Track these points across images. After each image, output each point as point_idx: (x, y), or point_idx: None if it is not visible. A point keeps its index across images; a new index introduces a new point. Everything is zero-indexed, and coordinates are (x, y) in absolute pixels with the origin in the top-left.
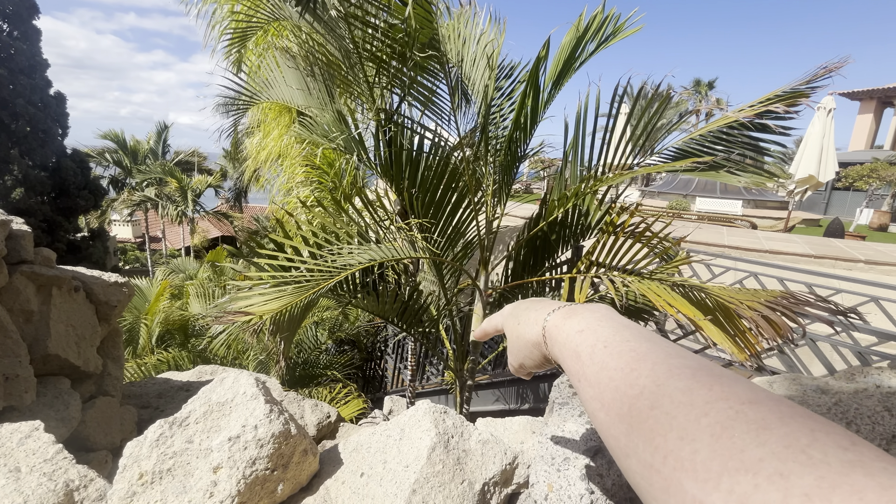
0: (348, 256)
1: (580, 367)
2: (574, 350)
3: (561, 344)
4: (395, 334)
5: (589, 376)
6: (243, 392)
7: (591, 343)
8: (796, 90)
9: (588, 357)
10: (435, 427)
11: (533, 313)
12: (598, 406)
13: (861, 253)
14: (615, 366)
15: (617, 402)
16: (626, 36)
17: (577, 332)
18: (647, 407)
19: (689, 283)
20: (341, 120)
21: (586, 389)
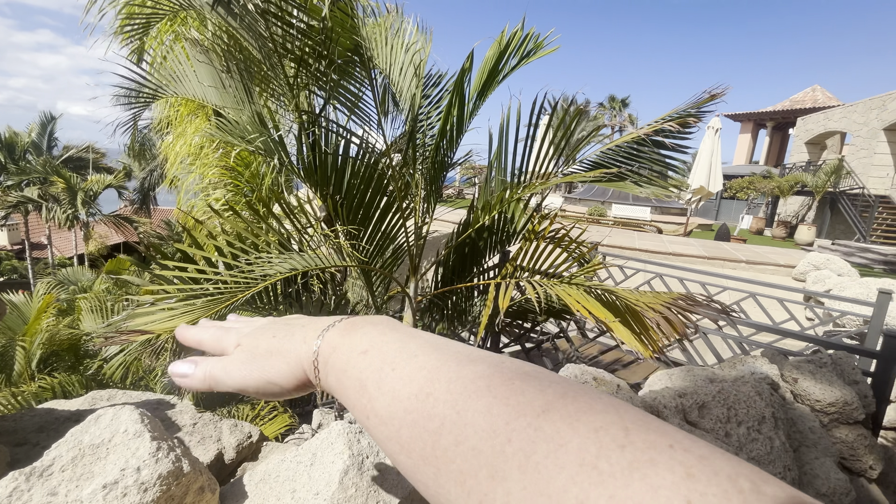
0: (267, 266)
1: (367, 402)
2: (358, 378)
3: (340, 371)
4: None
5: (380, 411)
6: (124, 430)
7: (377, 367)
8: (687, 112)
9: (375, 387)
10: (349, 449)
11: (299, 330)
12: (397, 448)
13: (743, 254)
14: (408, 393)
15: (418, 441)
16: (545, 54)
17: (361, 354)
18: (452, 444)
19: (602, 287)
20: (260, 121)
21: (379, 428)
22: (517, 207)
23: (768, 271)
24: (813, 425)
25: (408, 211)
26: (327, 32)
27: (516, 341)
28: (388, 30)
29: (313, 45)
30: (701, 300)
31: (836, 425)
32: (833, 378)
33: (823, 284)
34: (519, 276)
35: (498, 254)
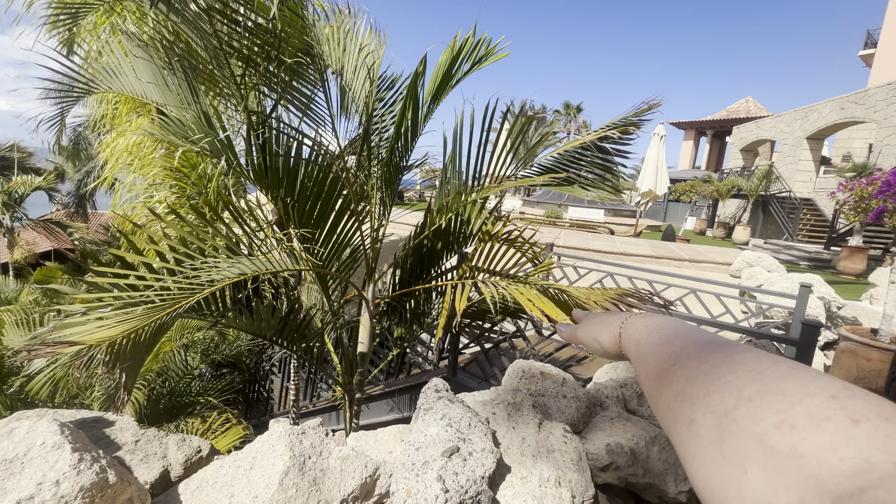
0: (215, 271)
1: (638, 351)
2: (636, 338)
3: (628, 336)
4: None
5: (643, 354)
6: (41, 443)
7: (648, 332)
8: (627, 120)
9: (645, 341)
10: (290, 450)
11: (617, 318)
12: (644, 376)
13: (686, 253)
14: (658, 341)
15: (656, 369)
16: (497, 59)
17: (643, 327)
18: (671, 365)
19: (554, 286)
20: (206, 121)
21: (639, 365)
22: (473, 210)
23: (708, 269)
24: None
25: (364, 214)
26: (276, 32)
27: (475, 342)
28: (340, 30)
29: (262, 44)
30: (644, 295)
31: None
32: None
33: (755, 280)
34: (475, 278)
35: (455, 255)
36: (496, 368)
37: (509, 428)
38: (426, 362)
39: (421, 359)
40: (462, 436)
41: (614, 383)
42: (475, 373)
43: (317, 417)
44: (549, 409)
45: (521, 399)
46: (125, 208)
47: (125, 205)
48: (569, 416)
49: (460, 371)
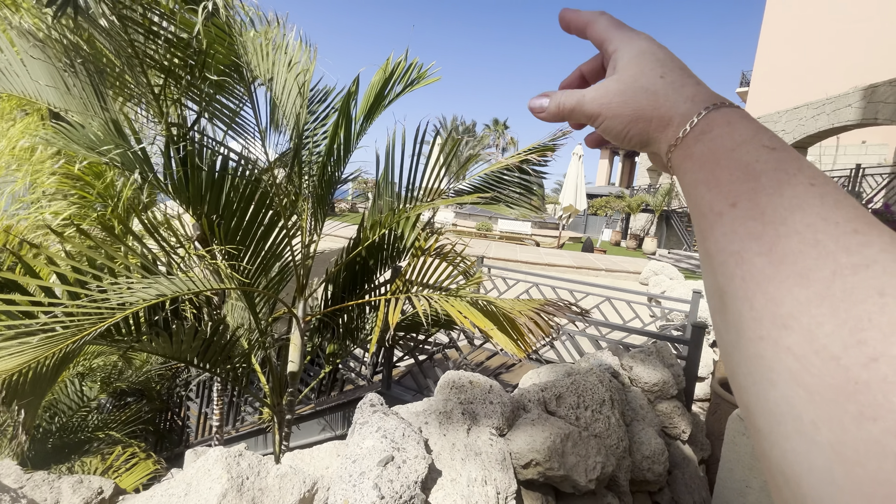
0: (128, 293)
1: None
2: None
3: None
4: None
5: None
6: None
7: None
8: (546, 146)
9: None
10: (227, 472)
11: (692, 86)
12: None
13: (603, 263)
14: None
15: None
16: (428, 83)
17: (767, 147)
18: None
19: (483, 298)
20: (117, 130)
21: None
22: (407, 224)
23: (622, 277)
24: (642, 403)
25: (294, 228)
26: (201, 47)
27: (409, 354)
28: (269, 43)
29: (184, 57)
30: (564, 305)
31: (658, 401)
32: (657, 363)
33: (660, 287)
34: (409, 291)
35: (389, 269)
36: (430, 380)
37: (441, 435)
38: (360, 378)
39: (354, 374)
40: (396, 445)
41: (536, 388)
42: (410, 385)
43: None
44: (478, 414)
45: (451, 407)
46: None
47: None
48: (495, 421)
49: (395, 384)
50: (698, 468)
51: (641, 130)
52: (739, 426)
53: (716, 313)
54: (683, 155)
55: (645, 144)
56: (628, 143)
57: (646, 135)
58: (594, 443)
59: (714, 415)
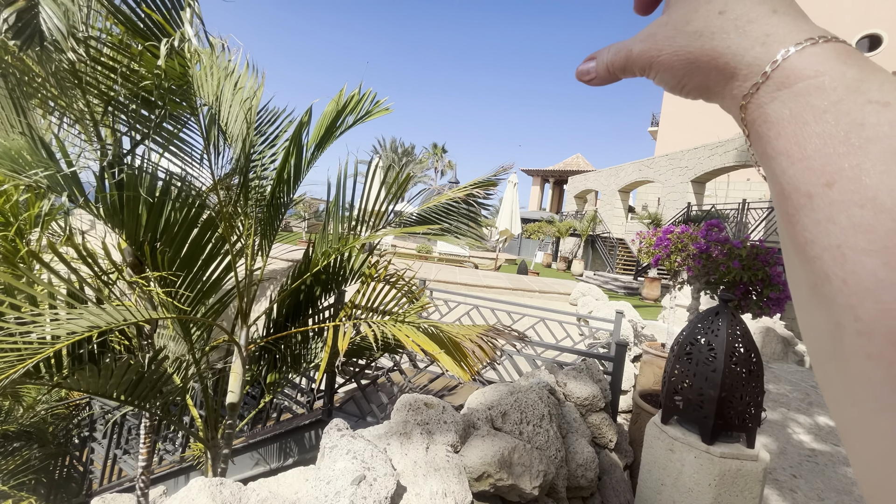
0: (53, 326)
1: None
2: (850, 130)
3: (815, 106)
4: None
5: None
6: None
7: None
8: (489, 180)
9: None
10: (212, 500)
11: (764, 16)
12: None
13: (536, 285)
14: None
15: None
16: (380, 115)
17: (876, 104)
18: None
19: (429, 323)
20: (45, 150)
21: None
22: (354, 250)
23: (554, 298)
24: (575, 416)
25: (238, 253)
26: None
27: (352, 379)
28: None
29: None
30: (504, 329)
31: (589, 413)
32: (587, 379)
33: (587, 307)
34: (356, 317)
35: (334, 295)
36: (373, 405)
37: (403, 454)
38: (298, 406)
39: (291, 402)
40: (367, 465)
41: (483, 407)
42: (352, 411)
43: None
44: (434, 434)
45: (410, 428)
46: None
47: None
48: (450, 438)
49: (336, 411)
50: (623, 473)
51: (699, 84)
52: (655, 431)
53: (803, 311)
54: (757, 116)
55: (711, 99)
56: (691, 96)
57: (706, 89)
58: (537, 454)
59: (635, 424)
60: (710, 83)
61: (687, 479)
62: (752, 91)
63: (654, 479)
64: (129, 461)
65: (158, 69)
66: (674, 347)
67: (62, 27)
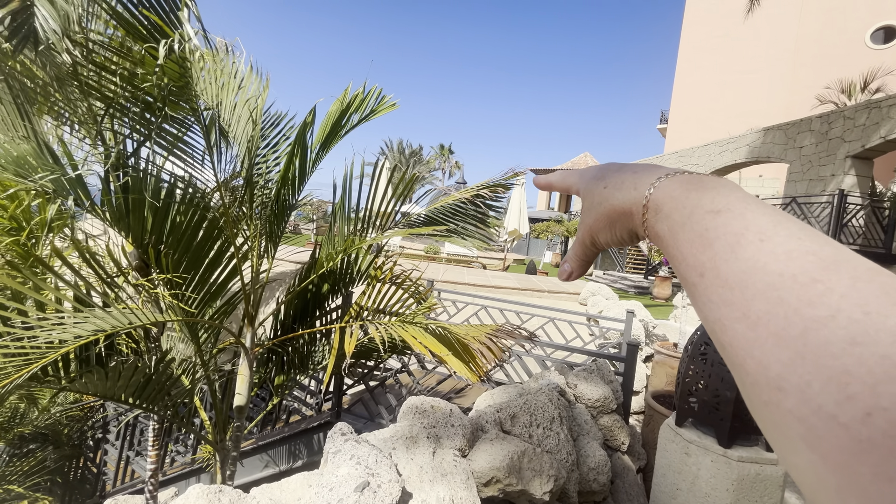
0: (60, 330)
1: (709, 259)
2: (701, 235)
3: (677, 222)
4: (117, 415)
5: (725, 274)
6: None
7: (734, 231)
8: (499, 183)
9: (727, 249)
10: None
11: (630, 175)
12: (735, 315)
13: (545, 285)
14: (781, 270)
15: (778, 319)
16: (385, 112)
17: (711, 213)
18: (845, 341)
19: (436, 324)
20: (50, 154)
21: (716, 290)
22: (361, 250)
23: (563, 298)
24: (586, 418)
25: (244, 255)
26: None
27: (360, 381)
28: (221, 71)
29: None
30: (513, 329)
31: (600, 415)
32: (598, 381)
33: (597, 307)
34: (363, 319)
35: (342, 296)
36: (382, 407)
37: (409, 459)
38: (307, 408)
39: (300, 404)
40: (371, 471)
41: (492, 409)
42: (361, 413)
43: (170, 488)
44: (441, 437)
45: (416, 432)
46: None
47: None
48: (457, 442)
49: (345, 413)
50: (636, 476)
51: (622, 227)
52: (669, 434)
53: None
54: (653, 235)
55: (636, 236)
56: (625, 241)
57: (628, 228)
58: (547, 458)
59: (648, 426)
60: (627, 223)
61: (703, 484)
62: (644, 220)
63: (668, 483)
64: (142, 463)
65: (157, 70)
66: (688, 347)
67: (57, 28)
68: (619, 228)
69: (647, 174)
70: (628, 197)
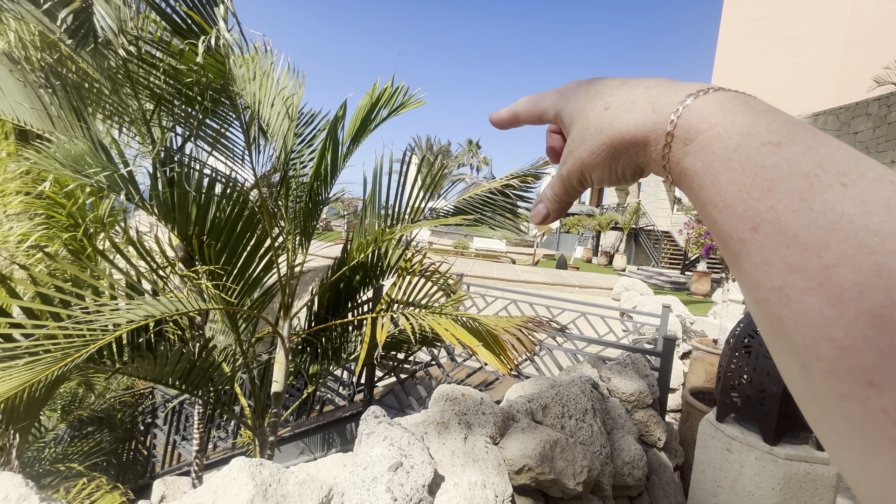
0: (114, 314)
1: (768, 209)
2: (756, 174)
3: (719, 156)
4: (165, 401)
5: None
6: (4, 496)
7: (806, 170)
8: (528, 173)
9: (797, 196)
10: (252, 480)
11: (643, 92)
12: (807, 285)
13: (576, 280)
14: (879, 228)
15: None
16: (413, 107)
17: (769, 144)
18: None
19: (467, 315)
20: (104, 152)
21: (780, 251)
22: (391, 243)
23: (595, 293)
24: (620, 412)
25: (279, 248)
26: (200, 78)
27: (391, 373)
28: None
29: (179, 86)
30: (544, 321)
31: (635, 410)
32: (633, 375)
33: (631, 302)
34: (394, 310)
35: (372, 288)
36: (412, 398)
37: (440, 444)
38: (339, 398)
39: (333, 394)
40: (403, 452)
41: (523, 399)
42: (391, 404)
43: (213, 471)
44: (472, 424)
45: (448, 418)
46: None
47: None
48: (488, 430)
49: (376, 403)
50: (674, 474)
51: (626, 163)
52: (709, 429)
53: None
54: (678, 172)
55: (642, 172)
56: (627, 179)
57: (634, 165)
58: (580, 449)
59: (686, 423)
60: (634, 158)
61: (747, 482)
62: (665, 152)
63: (708, 480)
64: (187, 447)
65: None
66: (729, 340)
67: (113, 25)
68: (622, 163)
69: (670, 90)
70: (644, 120)
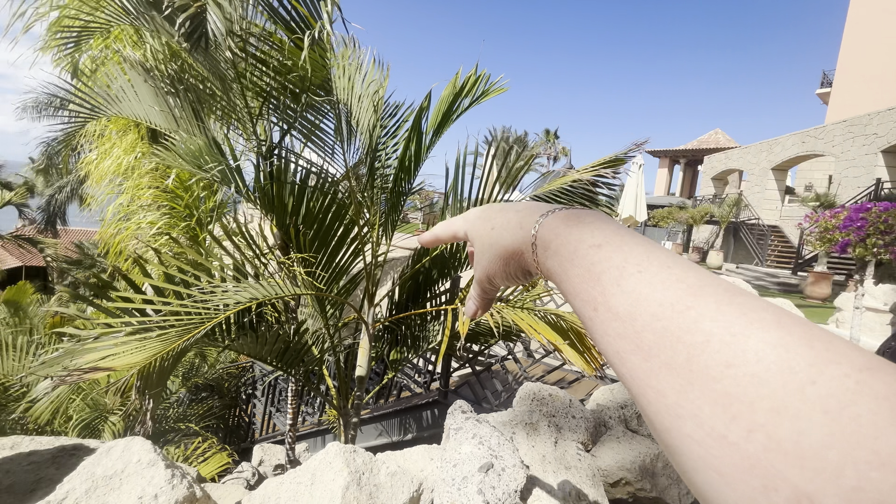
0: (225, 296)
1: (599, 294)
2: (589, 269)
3: (564, 258)
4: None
5: (616, 307)
6: (137, 460)
7: (616, 264)
8: (618, 158)
9: (613, 282)
10: (347, 466)
11: (514, 215)
12: (629, 348)
13: None
14: (659, 300)
15: (666, 349)
16: (495, 94)
17: (593, 247)
18: (721, 364)
19: (551, 312)
20: (217, 148)
21: (609, 323)
22: None
23: None
24: None
25: (365, 238)
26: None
27: (468, 364)
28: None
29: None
30: None
31: None
32: None
33: None
34: None
35: (449, 280)
36: (488, 391)
37: (529, 446)
38: (416, 385)
39: (410, 382)
40: (493, 453)
41: (615, 405)
42: (466, 395)
43: (301, 443)
44: (562, 428)
45: (536, 419)
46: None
47: (115, 224)
48: (579, 435)
49: (451, 394)
50: None
51: (515, 266)
52: None
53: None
54: (546, 272)
55: (529, 273)
56: (520, 278)
57: (521, 267)
58: None
59: None
60: (519, 262)
61: None
62: (534, 257)
63: None
64: (280, 418)
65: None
66: (883, 354)
67: (223, 27)
68: (512, 268)
69: (530, 212)
70: (517, 237)
